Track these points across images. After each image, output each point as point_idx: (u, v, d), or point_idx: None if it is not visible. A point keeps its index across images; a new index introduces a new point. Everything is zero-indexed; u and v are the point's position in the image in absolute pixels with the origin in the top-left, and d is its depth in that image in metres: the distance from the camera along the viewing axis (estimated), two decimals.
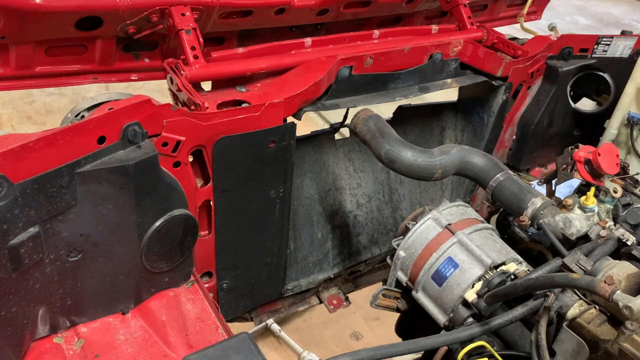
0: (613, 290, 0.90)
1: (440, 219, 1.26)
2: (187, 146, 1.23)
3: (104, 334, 1.24)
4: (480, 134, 1.93)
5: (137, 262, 1.23)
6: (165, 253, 1.26)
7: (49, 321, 1.17)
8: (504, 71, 1.77)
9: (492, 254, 1.18)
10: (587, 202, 1.27)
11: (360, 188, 1.85)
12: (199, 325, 1.31)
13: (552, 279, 0.98)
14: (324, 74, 1.39)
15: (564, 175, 1.37)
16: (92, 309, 1.24)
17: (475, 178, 1.44)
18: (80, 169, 1.05)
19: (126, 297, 1.28)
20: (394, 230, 1.92)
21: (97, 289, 1.22)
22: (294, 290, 1.74)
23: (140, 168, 1.12)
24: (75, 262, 1.14)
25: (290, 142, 1.38)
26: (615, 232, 1.24)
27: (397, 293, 1.31)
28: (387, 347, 1.01)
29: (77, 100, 1.64)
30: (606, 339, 0.98)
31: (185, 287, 1.35)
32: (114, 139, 1.09)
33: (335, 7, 1.65)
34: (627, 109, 1.89)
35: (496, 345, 1.11)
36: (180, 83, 1.26)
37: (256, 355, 0.86)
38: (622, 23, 7.34)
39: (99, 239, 1.15)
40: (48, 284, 1.12)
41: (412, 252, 1.25)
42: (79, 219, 1.10)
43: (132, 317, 1.29)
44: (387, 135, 1.42)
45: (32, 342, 1.16)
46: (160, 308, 1.30)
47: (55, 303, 1.16)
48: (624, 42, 1.93)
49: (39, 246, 1.05)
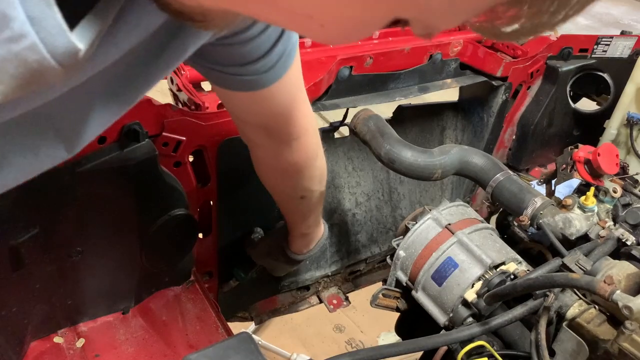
0: (613, 290, 0.90)
1: (440, 219, 1.26)
2: (188, 146, 1.23)
3: (104, 334, 1.24)
4: (480, 134, 1.93)
5: (137, 262, 1.23)
6: (165, 253, 1.27)
7: (49, 321, 1.17)
8: (504, 71, 1.77)
9: (492, 253, 1.18)
10: (587, 202, 1.27)
11: (359, 187, 1.85)
12: (199, 325, 1.31)
13: (552, 279, 0.98)
14: (324, 74, 1.40)
15: (563, 175, 1.37)
16: (92, 308, 1.24)
17: (475, 178, 1.44)
18: (81, 169, 1.05)
19: (126, 297, 1.28)
20: (393, 229, 1.92)
21: (97, 288, 1.22)
22: (290, 287, 1.74)
23: (141, 168, 1.13)
24: (76, 262, 1.14)
25: None
26: (614, 232, 1.24)
27: (397, 293, 1.31)
28: (387, 347, 1.01)
29: None
30: (606, 338, 0.98)
31: (185, 286, 1.36)
32: (114, 138, 1.09)
33: None
34: (627, 109, 1.89)
35: (496, 345, 1.11)
36: (180, 83, 1.26)
37: (256, 355, 0.86)
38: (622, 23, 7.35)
39: (99, 238, 1.16)
40: (48, 283, 1.12)
41: (412, 251, 1.25)
42: (79, 219, 1.10)
43: (132, 317, 1.29)
44: (387, 135, 1.42)
45: (32, 342, 1.16)
46: (160, 308, 1.31)
47: (55, 303, 1.16)
48: (623, 42, 1.93)
49: (39, 246, 1.05)
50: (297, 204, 1.16)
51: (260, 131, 0.97)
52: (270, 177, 1.13)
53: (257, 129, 0.96)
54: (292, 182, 1.10)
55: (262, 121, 0.94)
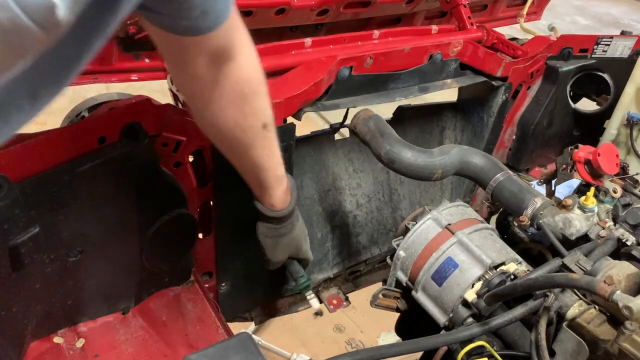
0: (613, 290, 0.90)
1: (440, 219, 1.26)
2: (188, 146, 1.23)
3: (104, 334, 1.24)
4: (480, 134, 1.93)
5: (137, 262, 1.23)
6: (165, 253, 1.27)
7: (49, 321, 1.17)
8: (504, 71, 1.77)
9: (492, 254, 1.18)
10: (587, 202, 1.27)
11: (360, 188, 1.85)
12: (199, 325, 1.31)
13: (552, 279, 0.98)
14: (324, 74, 1.39)
15: (563, 175, 1.37)
16: (92, 308, 1.24)
17: (475, 178, 1.44)
18: (81, 169, 1.05)
19: (126, 297, 1.28)
20: (393, 230, 1.92)
21: (97, 288, 1.22)
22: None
23: (141, 168, 1.13)
24: (76, 262, 1.14)
25: (290, 143, 1.38)
26: (615, 232, 1.24)
27: (397, 293, 1.31)
28: (387, 347, 1.01)
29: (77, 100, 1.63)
30: (606, 339, 0.98)
31: (185, 286, 1.35)
32: (114, 138, 1.09)
33: (335, 7, 1.65)
34: (627, 109, 1.89)
35: (496, 345, 1.11)
36: None
37: (256, 355, 0.86)
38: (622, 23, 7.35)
39: (99, 238, 1.16)
40: (48, 283, 1.12)
41: (412, 252, 1.25)
42: (79, 219, 1.10)
43: (132, 317, 1.29)
44: (387, 135, 1.42)
45: (32, 342, 1.16)
46: (160, 308, 1.31)
47: (55, 303, 1.16)
48: (623, 43, 1.93)
49: (39, 246, 1.05)
50: (262, 136, 1.12)
51: (205, 58, 0.94)
52: (229, 112, 1.05)
53: (203, 57, 0.94)
54: (252, 105, 1.06)
55: (208, 45, 0.92)
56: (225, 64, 0.97)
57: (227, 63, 0.97)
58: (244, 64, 1.01)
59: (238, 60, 0.98)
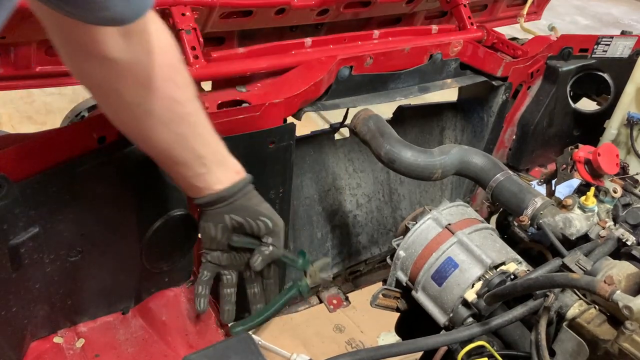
0: (613, 290, 0.90)
1: (440, 219, 1.26)
2: None
3: (104, 334, 1.24)
4: (480, 134, 1.93)
5: (137, 262, 1.23)
6: (165, 253, 1.27)
7: (49, 321, 1.17)
8: (504, 71, 1.77)
9: (492, 254, 1.18)
10: (587, 202, 1.27)
11: (360, 188, 1.85)
12: (199, 325, 1.31)
13: (552, 279, 0.98)
14: (324, 74, 1.39)
15: (563, 175, 1.37)
16: (92, 308, 1.24)
17: (475, 178, 1.44)
18: (80, 168, 1.05)
19: (126, 297, 1.28)
20: (393, 230, 1.92)
21: (97, 288, 1.22)
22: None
23: (141, 168, 1.13)
24: (75, 262, 1.14)
25: (290, 143, 1.38)
26: (615, 232, 1.24)
27: (397, 293, 1.31)
28: (387, 347, 1.01)
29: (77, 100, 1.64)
30: (606, 339, 0.98)
31: (185, 286, 1.35)
32: (114, 138, 1.09)
33: (335, 7, 1.65)
34: (627, 109, 1.89)
35: (496, 345, 1.11)
36: None
37: (256, 356, 0.86)
38: (622, 23, 7.35)
39: (99, 238, 1.16)
40: (48, 283, 1.12)
41: (412, 252, 1.25)
42: (79, 219, 1.10)
43: (132, 317, 1.29)
44: (387, 135, 1.42)
45: (32, 342, 1.16)
46: (160, 308, 1.30)
47: (55, 303, 1.16)
48: (623, 42, 1.93)
49: (39, 246, 1.05)
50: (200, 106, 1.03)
51: (118, 37, 0.86)
52: (157, 88, 0.95)
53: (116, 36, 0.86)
54: (184, 75, 0.99)
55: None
56: (144, 39, 0.89)
57: (145, 36, 0.89)
58: (160, 34, 0.94)
59: (151, 29, 0.91)
